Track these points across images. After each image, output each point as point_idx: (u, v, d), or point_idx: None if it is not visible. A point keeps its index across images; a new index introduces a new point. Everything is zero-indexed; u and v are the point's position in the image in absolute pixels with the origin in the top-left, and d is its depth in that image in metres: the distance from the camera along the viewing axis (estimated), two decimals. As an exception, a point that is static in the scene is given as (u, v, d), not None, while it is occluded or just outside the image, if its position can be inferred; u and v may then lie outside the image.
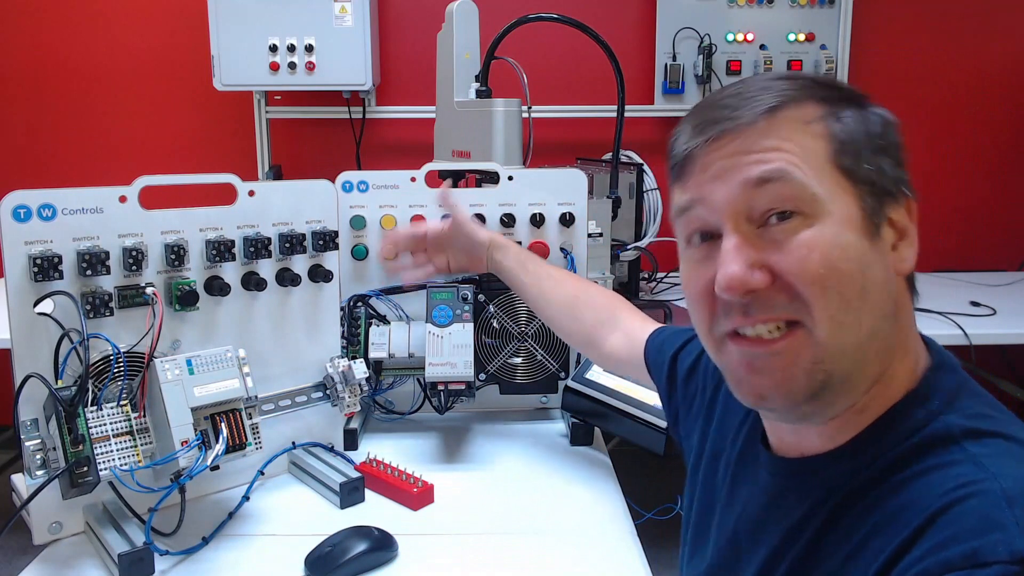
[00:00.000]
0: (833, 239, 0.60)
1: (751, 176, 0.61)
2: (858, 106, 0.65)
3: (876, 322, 0.62)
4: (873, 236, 0.62)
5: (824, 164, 0.62)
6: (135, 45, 2.88)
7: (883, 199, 0.63)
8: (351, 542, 0.96)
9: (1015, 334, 2.09)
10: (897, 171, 0.64)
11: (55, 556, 0.99)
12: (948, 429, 0.61)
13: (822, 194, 0.61)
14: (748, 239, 0.62)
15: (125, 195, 1.03)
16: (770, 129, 0.62)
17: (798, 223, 0.61)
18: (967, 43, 2.89)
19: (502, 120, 1.73)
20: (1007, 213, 2.98)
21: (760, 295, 0.62)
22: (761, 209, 0.62)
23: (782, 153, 0.61)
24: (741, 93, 0.64)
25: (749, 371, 0.64)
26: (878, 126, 0.64)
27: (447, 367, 1.24)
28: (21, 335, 0.96)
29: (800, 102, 0.63)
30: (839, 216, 0.61)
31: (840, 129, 0.63)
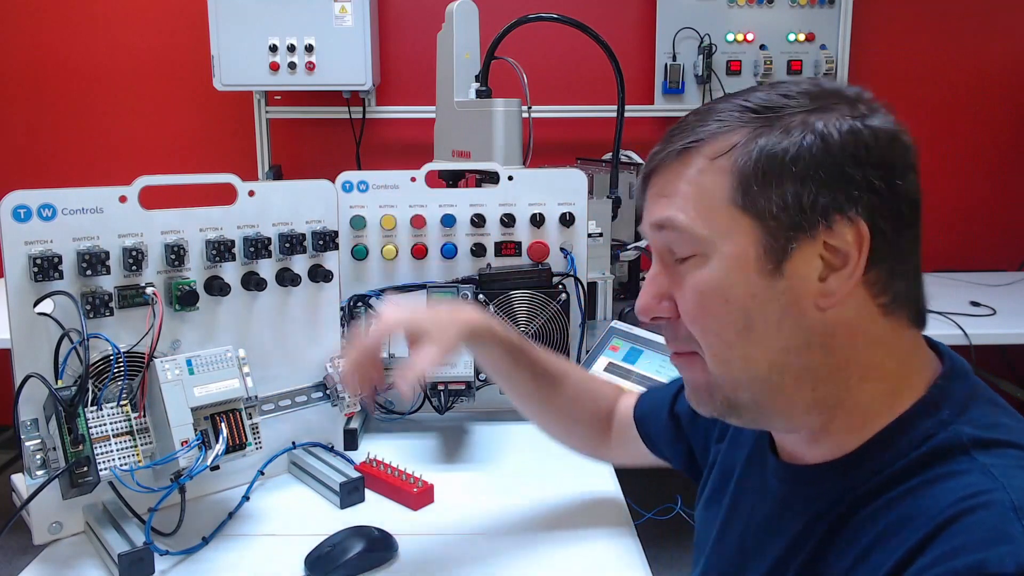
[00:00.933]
0: (715, 283, 0.63)
1: (651, 221, 0.67)
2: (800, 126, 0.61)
3: (774, 355, 0.63)
4: (772, 273, 0.61)
5: (719, 203, 0.63)
6: (135, 45, 2.88)
7: (795, 231, 0.60)
8: (351, 542, 0.96)
9: (1015, 334, 2.09)
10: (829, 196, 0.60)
11: (55, 556, 0.99)
12: (957, 438, 0.60)
13: (711, 235, 0.63)
14: (666, 269, 0.68)
15: (125, 195, 1.03)
16: (678, 169, 0.65)
17: (694, 263, 0.65)
18: (967, 43, 2.89)
19: (502, 120, 1.73)
20: (1007, 213, 2.98)
21: (671, 323, 0.68)
22: (667, 248, 0.67)
23: (678, 199, 0.65)
24: (683, 123, 0.67)
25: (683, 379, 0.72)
26: (812, 149, 0.60)
27: (447, 367, 1.24)
28: (21, 335, 0.96)
29: (718, 135, 0.63)
30: (727, 256, 0.63)
31: (746, 163, 0.61)
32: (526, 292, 1.36)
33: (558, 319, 1.37)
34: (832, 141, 0.60)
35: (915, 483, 0.60)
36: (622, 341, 1.37)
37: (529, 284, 1.37)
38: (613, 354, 1.36)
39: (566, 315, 1.37)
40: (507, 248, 1.40)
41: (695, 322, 0.65)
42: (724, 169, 0.62)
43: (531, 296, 1.36)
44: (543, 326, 1.36)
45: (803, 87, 0.64)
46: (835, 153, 0.60)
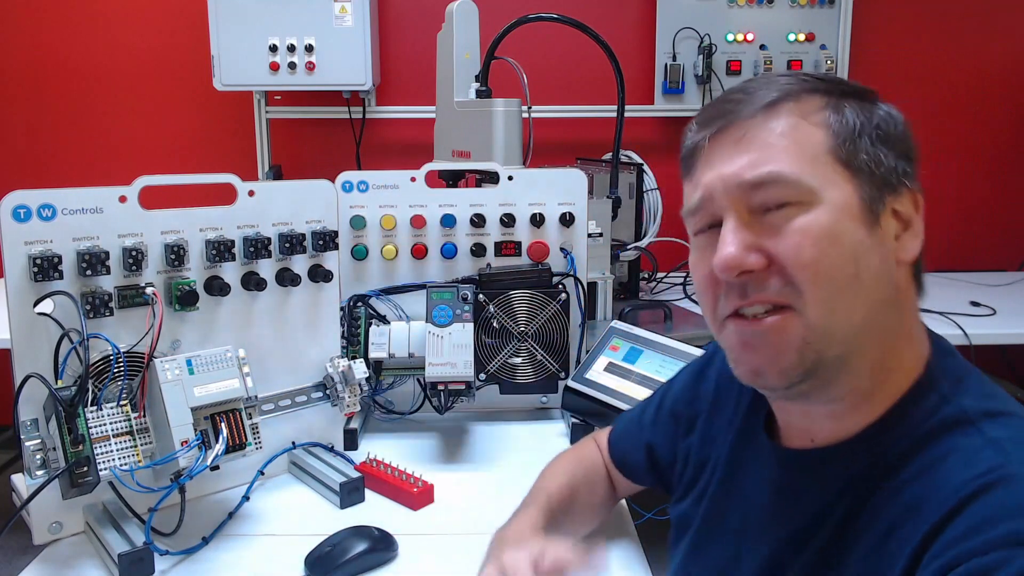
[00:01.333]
0: (827, 227, 0.63)
1: (746, 180, 0.64)
2: (861, 99, 0.67)
3: (871, 308, 0.64)
4: (871, 224, 0.64)
5: (821, 154, 0.64)
6: (135, 45, 2.88)
7: (883, 189, 0.65)
8: (351, 542, 0.96)
9: (1015, 334, 2.09)
10: (900, 163, 0.66)
11: (55, 556, 0.99)
12: (964, 411, 0.63)
13: (816, 185, 0.63)
14: (746, 223, 0.65)
15: (125, 195, 1.03)
16: (767, 122, 0.65)
17: (794, 210, 0.63)
18: (967, 43, 2.89)
19: (502, 120, 1.73)
20: (1007, 213, 2.98)
21: (756, 277, 0.64)
22: (758, 203, 0.64)
23: (775, 151, 0.64)
24: (746, 89, 0.68)
25: (744, 348, 0.67)
26: (882, 119, 0.66)
27: (447, 367, 1.24)
28: (21, 335, 0.96)
29: (800, 96, 0.66)
30: (835, 204, 0.63)
31: (839, 121, 0.65)
32: (526, 292, 1.36)
33: (558, 319, 1.37)
34: (900, 120, 0.67)
35: (928, 459, 0.61)
36: (622, 341, 1.37)
37: (529, 284, 1.37)
38: (613, 354, 1.36)
39: (566, 315, 1.37)
40: (507, 248, 1.40)
41: (808, 266, 0.62)
42: (820, 124, 0.65)
43: (531, 296, 1.36)
44: (543, 326, 1.36)
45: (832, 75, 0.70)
46: (902, 130, 0.67)
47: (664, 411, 0.96)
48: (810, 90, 0.66)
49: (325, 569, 0.94)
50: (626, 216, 2.19)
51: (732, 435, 0.82)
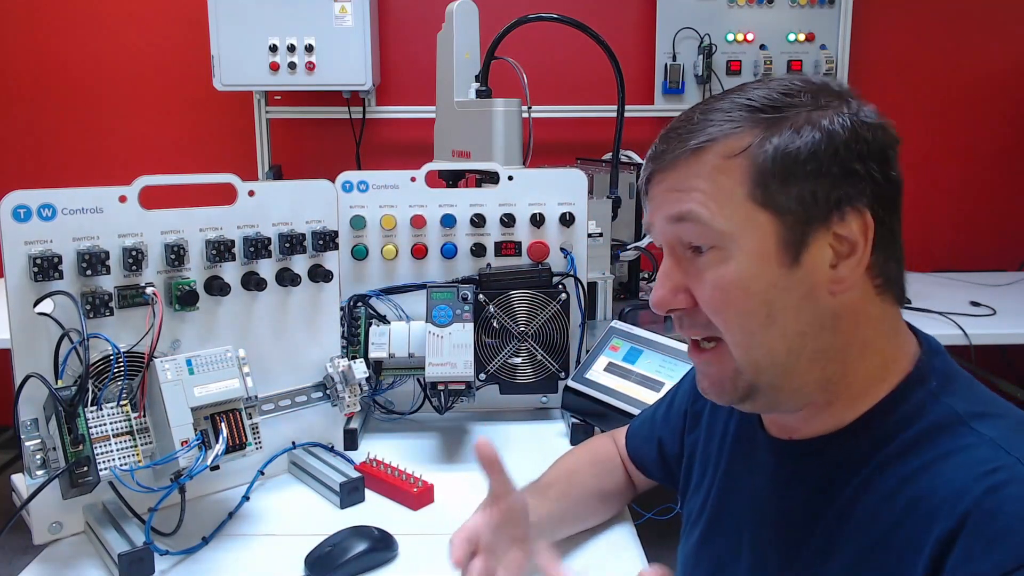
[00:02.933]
0: (736, 278, 0.65)
1: (670, 214, 0.68)
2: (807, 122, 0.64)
3: (792, 340, 0.66)
4: (790, 264, 0.65)
5: (738, 199, 0.65)
6: (135, 45, 2.88)
7: (810, 224, 0.64)
8: (351, 542, 0.96)
9: (1015, 334, 2.09)
10: (843, 188, 0.63)
11: (55, 556, 0.99)
12: (954, 412, 0.64)
13: (731, 230, 0.65)
14: (680, 263, 0.69)
15: (125, 195, 1.03)
16: (695, 166, 0.67)
17: (711, 257, 0.66)
18: (967, 43, 2.89)
19: (502, 120, 1.73)
20: (1007, 213, 2.98)
21: (688, 312, 0.70)
22: (683, 242, 0.68)
23: (697, 193, 0.66)
24: (688, 121, 0.69)
25: (698, 371, 0.74)
26: (824, 143, 0.63)
27: (447, 367, 1.24)
28: (21, 335, 0.96)
29: (729, 136, 0.66)
30: (748, 251, 0.65)
31: (763, 159, 0.64)
32: (526, 292, 1.36)
33: (558, 319, 1.37)
34: (839, 138, 0.64)
35: (925, 460, 0.63)
36: (622, 341, 1.37)
37: (529, 284, 1.37)
38: (613, 354, 1.36)
39: (566, 315, 1.37)
40: (507, 248, 1.40)
41: (718, 314, 0.67)
42: (740, 167, 0.65)
43: (531, 296, 1.36)
44: (543, 326, 1.36)
45: (797, 84, 0.67)
46: (841, 150, 0.64)
47: (674, 407, 0.99)
48: (744, 124, 0.65)
49: (325, 569, 0.94)
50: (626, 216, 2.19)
51: (732, 429, 0.84)
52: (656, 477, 1.04)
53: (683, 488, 0.93)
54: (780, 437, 0.75)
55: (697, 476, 0.89)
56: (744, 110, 0.66)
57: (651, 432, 1.02)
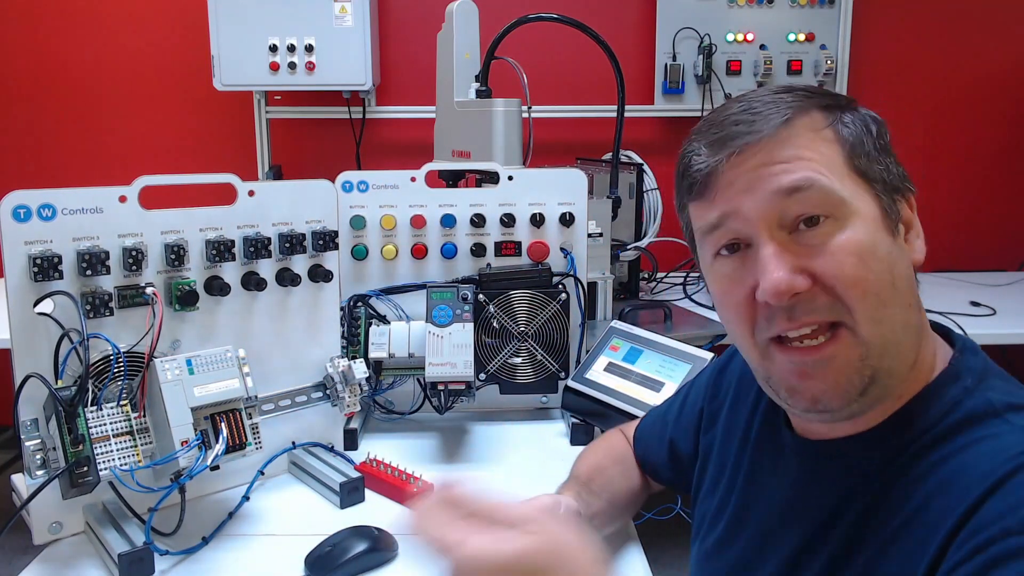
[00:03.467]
0: (865, 240, 0.63)
1: (782, 186, 0.63)
2: (853, 110, 0.68)
3: (906, 313, 0.65)
4: (894, 232, 0.65)
5: (842, 168, 0.64)
6: (135, 45, 2.88)
7: (894, 196, 0.66)
8: (351, 542, 0.96)
9: (1015, 334, 2.09)
10: (900, 168, 0.68)
11: (55, 556, 0.99)
12: (990, 403, 0.63)
13: (848, 197, 0.63)
14: (784, 245, 0.64)
15: (125, 195, 1.03)
16: (788, 139, 0.64)
17: (830, 227, 0.63)
18: (967, 43, 2.89)
19: (502, 120, 1.73)
20: (1007, 213, 2.97)
21: (803, 298, 0.63)
22: (792, 216, 0.64)
23: (805, 162, 0.63)
24: (750, 108, 0.66)
25: (802, 378, 0.66)
26: (875, 127, 0.67)
27: (447, 367, 1.24)
28: (21, 335, 0.96)
29: (807, 111, 0.66)
30: (865, 216, 0.64)
31: (847, 133, 0.65)
32: (526, 292, 1.36)
33: (558, 319, 1.37)
34: (884, 127, 0.68)
35: (954, 447, 0.62)
36: (622, 341, 1.37)
37: (529, 284, 1.37)
38: (613, 354, 1.36)
39: (566, 315, 1.37)
40: (507, 248, 1.40)
41: (855, 284, 0.62)
42: (831, 139, 0.65)
43: (531, 296, 1.36)
44: (543, 326, 1.36)
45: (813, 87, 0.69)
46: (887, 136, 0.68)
47: (688, 407, 0.97)
48: (812, 105, 0.66)
49: (325, 569, 0.94)
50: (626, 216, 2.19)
51: (755, 432, 0.82)
52: (665, 480, 1.02)
53: (696, 489, 0.91)
54: (806, 437, 0.74)
55: (712, 477, 0.87)
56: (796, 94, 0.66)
57: (662, 433, 1.00)
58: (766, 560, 0.75)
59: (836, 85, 2.79)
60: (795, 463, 0.74)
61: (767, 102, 0.66)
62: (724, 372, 0.93)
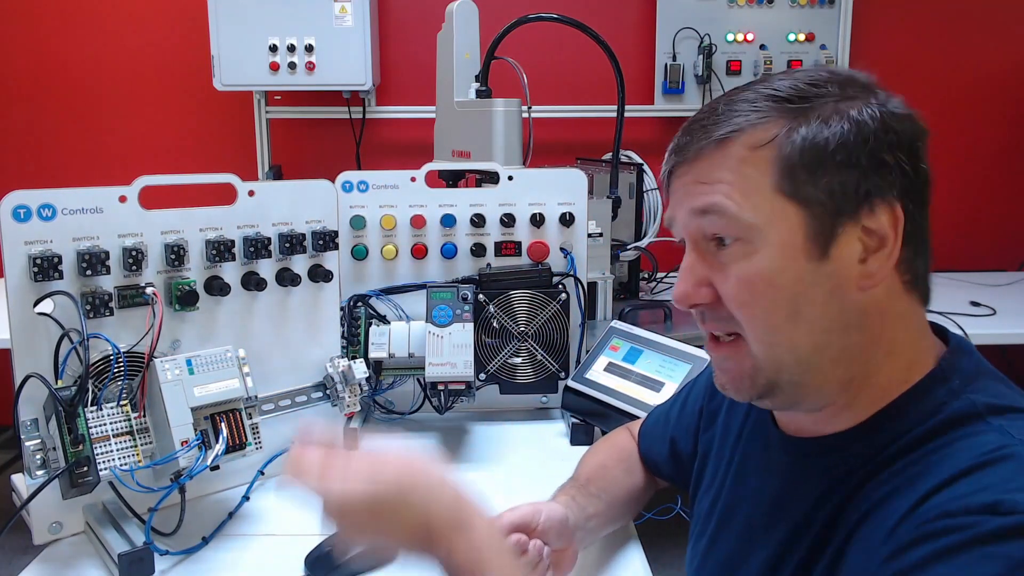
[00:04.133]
0: (763, 272, 0.64)
1: (695, 206, 0.67)
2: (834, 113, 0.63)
3: (819, 338, 0.65)
4: (818, 257, 0.63)
5: (765, 191, 0.64)
6: (135, 45, 2.88)
7: (838, 216, 0.63)
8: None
9: (1015, 334, 2.09)
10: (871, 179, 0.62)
11: (55, 556, 0.99)
12: (972, 406, 0.63)
13: (758, 222, 0.64)
14: (703, 257, 0.68)
15: (125, 195, 1.03)
16: (720, 158, 0.66)
17: (737, 250, 0.65)
18: (967, 43, 2.89)
19: (502, 120, 1.73)
20: (1007, 213, 2.98)
21: (709, 307, 0.68)
22: (707, 234, 0.67)
23: (722, 185, 0.65)
24: (713, 112, 0.68)
25: (716, 367, 0.73)
26: (851, 133, 0.62)
27: (447, 367, 1.24)
28: (21, 335, 0.96)
29: (755, 126, 0.64)
30: (776, 243, 0.64)
31: (791, 151, 0.63)
32: (526, 292, 1.36)
33: (558, 319, 1.37)
34: (867, 129, 0.62)
35: (933, 447, 0.62)
36: (622, 341, 1.37)
37: (529, 284, 1.37)
38: (613, 354, 1.36)
39: (566, 315, 1.37)
40: (507, 248, 1.40)
41: (742, 308, 0.66)
42: (767, 159, 0.64)
43: (531, 296, 1.36)
44: (543, 326, 1.36)
45: (823, 75, 0.66)
46: (871, 140, 0.62)
47: (688, 405, 0.98)
48: (770, 114, 0.64)
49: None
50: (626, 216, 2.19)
51: (748, 428, 0.83)
52: (666, 476, 1.03)
53: (694, 488, 0.92)
54: (793, 435, 0.74)
55: (710, 475, 0.88)
56: (770, 100, 0.65)
57: (664, 431, 1.01)
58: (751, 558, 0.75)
59: (836, 85, 2.79)
60: (780, 460, 0.75)
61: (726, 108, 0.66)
62: None
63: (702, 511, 0.88)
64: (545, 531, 0.88)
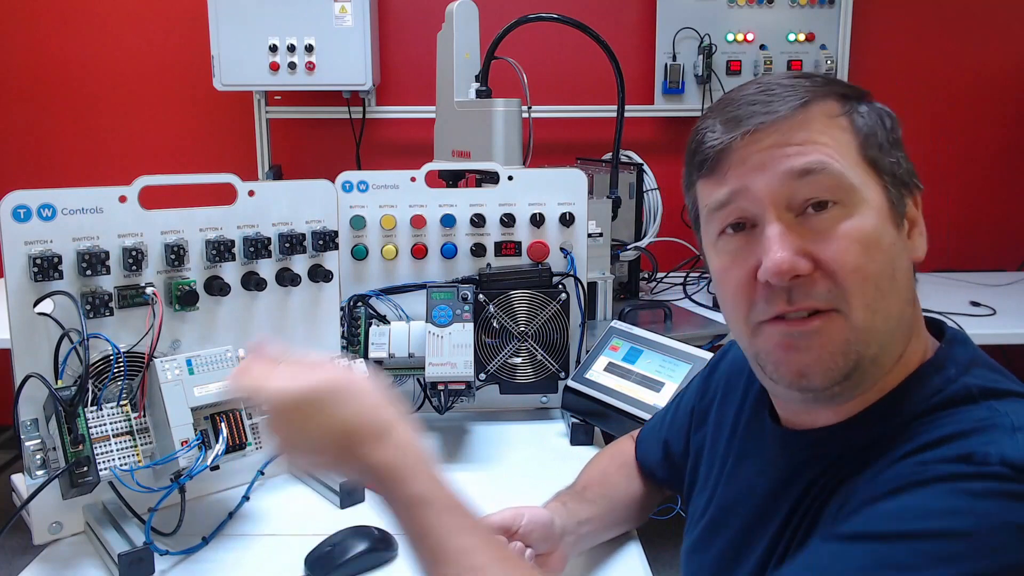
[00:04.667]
0: (870, 229, 0.63)
1: (794, 167, 0.64)
2: (868, 102, 0.68)
3: (902, 307, 0.66)
4: (899, 225, 0.66)
5: (855, 156, 0.65)
6: (135, 45, 2.88)
7: (902, 190, 0.67)
8: (351, 542, 0.96)
9: (1015, 334, 2.09)
10: (909, 164, 0.68)
11: (55, 556, 0.99)
12: (967, 389, 0.64)
13: (858, 184, 0.64)
14: (790, 227, 0.64)
15: (125, 195, 1.03)
16: (804, 123, 0.64)
17: (837, 213, 0.63)
18: (967, 43, 2.89)
19: (502, 120, 1.73)
20: (1007, 213, 2.97)
21: (802, 282, 0.63)
22: (801, 199, 0.64)
23: (819, 146, 0.64)
24: (767, 90, 0.67)
25: (788, 349, 0.66)
26: (888, 121, 0.67)
27: (447, 367, 1.24)
28: (21, 335, 0.96)
29: (824, 98, 0.66)
30: (873, 206, 0.64)
31: (862, 123, 0.66)
32: (526, 292, 1.36)
33: (558, 319, 1.37)
34: (897, 123, 0.68)
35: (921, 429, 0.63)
36: (622, 341, 1.37)
37: (529, 284, 1.37)
38: (613, 354, 1.36)
39: (566, 315, 1.37)
40: (507, 248, 1.40)
41: (856, 271, 0.63)
42: (846, 127, 0.65)
43: (531, 296, 1.36)
44: (543, 326, 1.36)
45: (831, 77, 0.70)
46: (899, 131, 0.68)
47: (681, 407, 0.98)
48: (829, 93, 0.67)
49: (325, 569, 0.94)
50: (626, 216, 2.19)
51: (741, 425, 0.83)
52: (662, 480, 1.02)
53: (688, 487, 0.92)
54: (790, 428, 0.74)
55: (704, 474, 0.88)
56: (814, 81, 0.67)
57: (658, 435, 1.01)
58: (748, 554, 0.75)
59: (836, 85, 2.79)
60: (776, 455, 0.75)
61: (786, 85, 0.67)
62: (715, 370, 0.94)
63: (697, 510, 0.87)
64: (527, 534, 0.87)
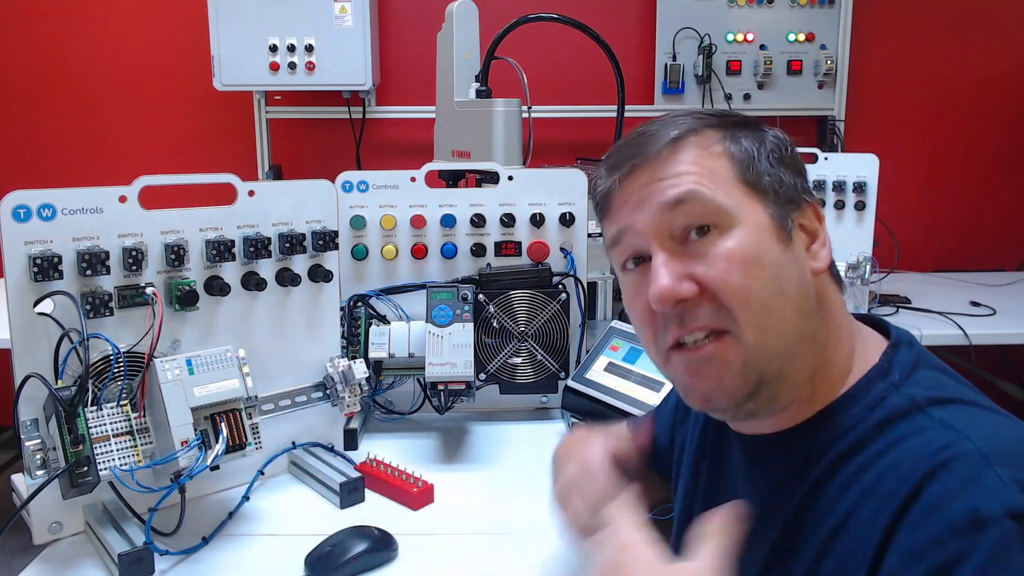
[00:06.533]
0: (749, 248, 0.66)
1: (667, 199, 0.67)
2: (753, 128, 0.72)
3: (798, 320, 0.67)
4: (785, 241, 0.68)
5: (729, 180, 0.68)
6: (135, 45, 2.88)
7: (787, 206, 0.69)
8: (351, 542, 0.96)
9: (1015, 334, 2.09)
10: (797, 180, 0.71)
11: (55, 556, 0.99)
12: (912, 400, 0.65)
13: (731, 206, 0.67)
14: (674, 254, 0.68)
15: (125, 195, 1.03)
16: (674, 157, 0.68)
17: (716, 236, 0.66)
18: (967, 43, 2.89)
19: (502, 120, 1.73)
20: (1007, 213, 2.98)
21: (691, 305, 0.67)
22: (680, 227, 0.68)
23: (689, 176, 0.67)
24: (646, 132, 0.71)
25: (692, 376, 0.69)
26: (773, 143, 0.71)
27: (447, 367, 1.24)
28: (21, 335, 0.96)
29: (699, 131, 0.70)
30: (751, 225, 0.67)
31: (737, 149, 0.69)
32: (526, 292, 1.36)
33: (558, 319, 1.37)
34: (785, 142, 0.72)
35: (880, 446, 0.63)
36: (622, 341, 1.37)
37: (529, 284, 1.37)
38: (613, 354, 1.36)
39: (566, 315, 1.37)
40: (507, 248, 1.40)
41: (739, 290, 0.65)
42: (721, 155, 0.69)
43: (531, 296, 1.36)
44: (543, 326, 1.36)
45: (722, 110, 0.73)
46: (792, 151, 0.72)
47: (668, 403, 0.99)
48: (706, 125, 0.70)
49: (325, 569, 0.94)
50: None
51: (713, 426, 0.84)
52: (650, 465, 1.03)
53: (674, 482, 0.92)
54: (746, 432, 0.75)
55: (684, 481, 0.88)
56: (694, 117, 0.70)
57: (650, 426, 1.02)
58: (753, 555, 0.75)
59: (836, 85, 2.79)
60: (739, 457, 0.77)
61: (664, 124, 0.71)
62: None
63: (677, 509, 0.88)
64: None
